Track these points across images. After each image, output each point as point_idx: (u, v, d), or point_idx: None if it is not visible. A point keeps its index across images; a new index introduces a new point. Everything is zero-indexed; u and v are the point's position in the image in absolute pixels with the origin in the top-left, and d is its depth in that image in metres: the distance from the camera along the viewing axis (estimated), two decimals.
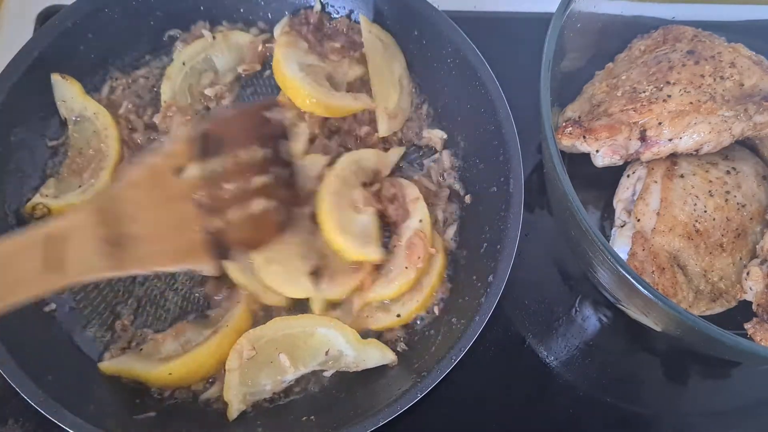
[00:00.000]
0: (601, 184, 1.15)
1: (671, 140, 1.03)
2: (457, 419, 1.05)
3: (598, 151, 1.04)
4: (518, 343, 1.11)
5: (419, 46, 1.16)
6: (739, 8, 1.28)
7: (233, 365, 0.94)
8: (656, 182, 1.06)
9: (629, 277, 0.85)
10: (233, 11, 1.21)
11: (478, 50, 1.08)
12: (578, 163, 1.09)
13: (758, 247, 1.03)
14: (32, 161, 1.08)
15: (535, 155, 1.21)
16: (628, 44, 1.20)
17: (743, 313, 1.01)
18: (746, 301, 1.02)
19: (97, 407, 0.90)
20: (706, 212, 1.03)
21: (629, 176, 1.11)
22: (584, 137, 1.04)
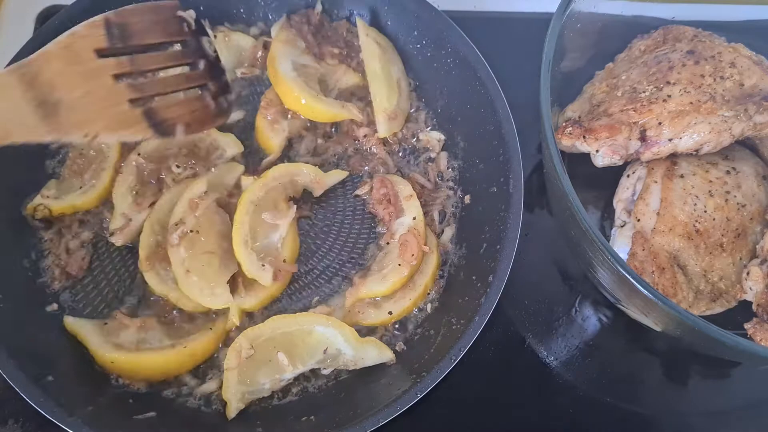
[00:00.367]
0: (601, 184, 1.16)
1: (671, 140, 1.03)
2: (456, 419, 1.05)
3: (598, 151, 1.04)
4: (518, 343, 1.11)
5: (419, 46, 1.16)
6: (739, 8, 1.28)
7: (232, 364, 0.94)
8: (656, 182, 1.06)
9: (629, 277, 0.85)
10: (233, 12, 1.21)
11: (477, 50, 1.08)
12: (578, 163, 1.09)
13: (758, 247, 1.03)
14: (32, 162, 1.08)
15: (535, 155, 1.21)
16: (628, 44, 1.20)
17: (743, 313, 1.01)
18: (746, 301, 1.02)
19: (96, 408, 0.90)
20: (706, 212, 1.03)
21: (629, 176, 1.11)
22: (584, 137, 1.04)
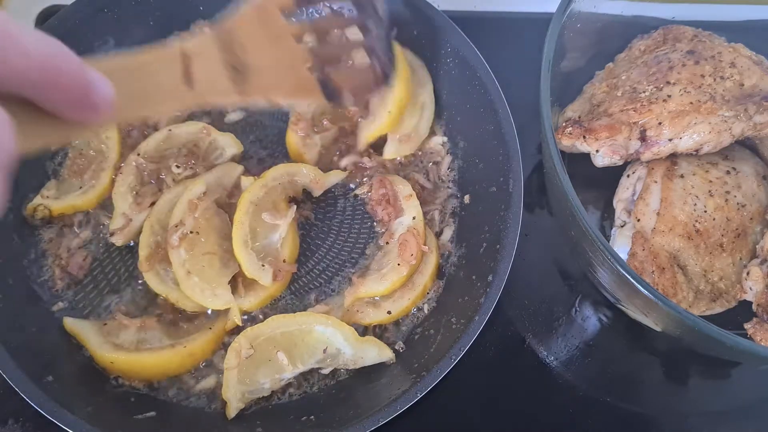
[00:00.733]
0: (601, 184, 1.15)
1: (671, 140, 1.03)
2: (456, 419, 1.05)
3: (598, 151, 1.04)
4: (518, 343, 1.11)
5: (419, 46, 1.16)
6: (739, 8, 1.28)
7: (231, 363, 0.94)
8: (656, 182, 1.06)
9: (629, 277, 0.85)
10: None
11: (477, 50, 1.08)
12: (578, 163, 1.09)
13: (758, 247, 1.03)
14: (33, 162, 1.08)
15: (535, 155, 1.21)
16: (628, 44, 1.20)
17: (743, 313, 1.01)
18: (746, 301, 1.02)
19: (96, 408, 0.90)
20: (706, 212, 1.03)
21: (629, 176, 1.11)
22: (584, 137, 1.04)
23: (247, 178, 1.07)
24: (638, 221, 1.05)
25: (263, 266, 1.01)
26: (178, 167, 1.08)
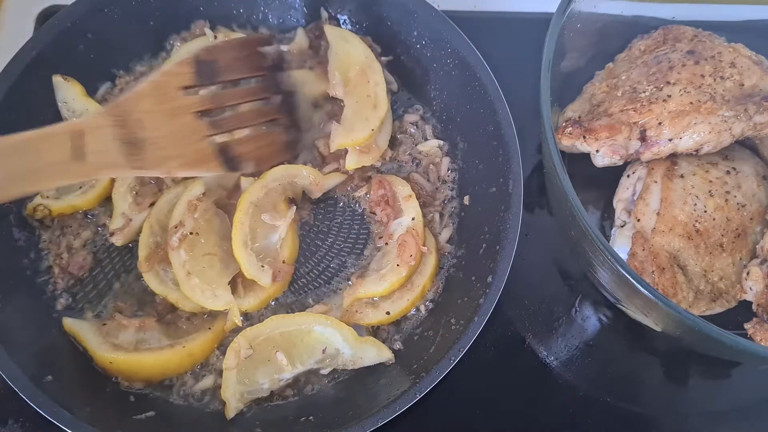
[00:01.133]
0: (601, 184, 1.15)
1: (671, 140, 1.03)
2: (456, 419, 1.05)
3: (598, 151, 1.04)
4: (518, 343, 1.11)
5: (419, 46, 1.16)
6: (739, 8, 1.28)
7: (231, 364, 0.94)
8: (656, 182, 1.06)
9: (629, 277, 0.85)
10: (233, 12, 1.21)
11: (477, 50, 1.08)
12: (578, 163, 1.09)
13: (758, 247, 1.03)
14: None
15: (535, 155, 1.21)
16: (628, 44, 1.20)
17: (743, 313, 1.01)
18: (746, 301, 1.02)
19: (96, 407, 0.90)
20: (706, 212, 1.03)
21: (629, 176, 1.11)
22: (584, 137, 1.04)
23: (246, 178, 1.07)
24: (638, 221, 1.05)
25: (263, 267, 1.00)
26: None
